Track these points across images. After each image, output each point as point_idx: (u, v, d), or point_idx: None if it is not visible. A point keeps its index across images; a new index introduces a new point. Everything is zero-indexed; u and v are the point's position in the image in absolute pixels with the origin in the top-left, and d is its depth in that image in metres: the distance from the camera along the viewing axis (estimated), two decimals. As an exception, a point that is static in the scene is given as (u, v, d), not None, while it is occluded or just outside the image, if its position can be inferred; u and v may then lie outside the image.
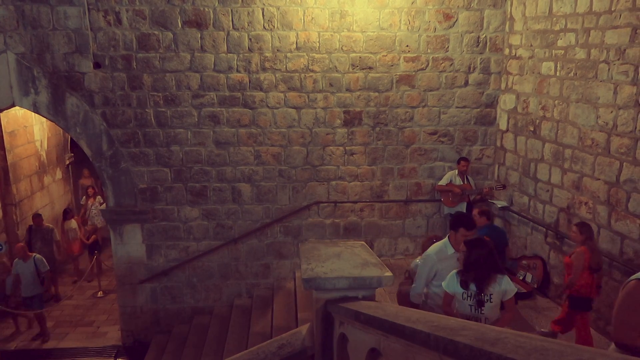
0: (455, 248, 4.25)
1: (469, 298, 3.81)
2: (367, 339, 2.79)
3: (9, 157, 9.08)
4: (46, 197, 10.51)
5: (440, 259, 4.28)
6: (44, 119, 9.53)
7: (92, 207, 10.36)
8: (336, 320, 3.26)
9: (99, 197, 10.35)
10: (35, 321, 8.32)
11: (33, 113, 7.85)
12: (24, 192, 9.63)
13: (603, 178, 5.54)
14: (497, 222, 7.79)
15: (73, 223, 9.80)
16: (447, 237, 4.41)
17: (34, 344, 8.05)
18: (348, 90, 7.33)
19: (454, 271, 3.95)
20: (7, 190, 9.11)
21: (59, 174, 11.17)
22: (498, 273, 3.84)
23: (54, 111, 7.05)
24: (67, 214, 9.83)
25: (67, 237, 9.69)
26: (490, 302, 3.79)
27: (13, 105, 7.06)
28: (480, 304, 3.79)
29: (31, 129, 9.97)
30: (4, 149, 8.95)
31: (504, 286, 3.83)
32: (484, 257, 3.80)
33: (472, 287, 3.79)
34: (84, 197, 10.72)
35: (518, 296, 6.47)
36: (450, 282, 3.92)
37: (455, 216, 4.67)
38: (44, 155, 10.50)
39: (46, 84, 6.93)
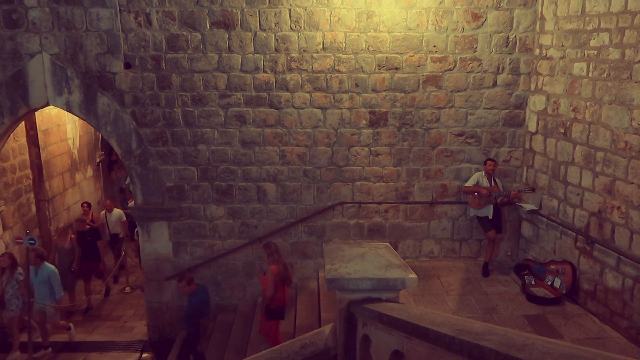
0: None
1: None
2: (391, 341, 2.77)
3: (43, 155, 9.37)
4: (77, 194, 10.80)
5: None
6: (76, 118, 9.79)
7: (8, 286, 7.24)
8: (359, 321, 3.25)
9: (20, 268, 7.42)
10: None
11: (66, 112, 8.08)
12: (57, 188, 9.92)
13: (637, 182, 5.38)
14: (525, 225, 7.64)
15: None
16: None
17: (60, 338, 8.26)
18: (374, 90, 7.30)
19: None
20: (40, 186, 9.39)
21: (89, 172, 11.46)
22: None
23: (86, 110, 7.23)
24: None
25: None
26: None
27: (47, 105, 7.28)
28: None
29: (64, 127, 10.26)
30: (38, 146, 9.24)
31: None
32: None
33: None
34: None
35: (546, 302, 6.35)
36: None
37: None
38: (76, 153, 10.79)
39: (79, 84, 7.12)
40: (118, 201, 11.47)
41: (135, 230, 9.24)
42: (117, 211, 9.88)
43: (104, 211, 9.95)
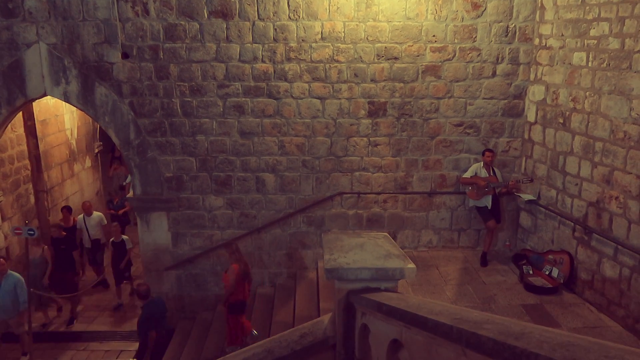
0: None
1: None
2: (389, 330, 2.79)
3: (41, 145, 9.34)
4: (76, 185, 10.78)
5: None
6: (74, 108, 9.76)
7: None
8: (358, 311, 3.27)
9: None
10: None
11: (64, 102, 8.04)
12: (55, 179, 9.90)
13: (635, 172, 5.39)
14: (523, 215, 7.66)
15: None
16: None
17: (63, 327, 8.30)
18: (373, 80, 7.27)
19: None
20: (39, 177, 9.38)
21: (88, 162, 11.43)
22: None
23: (84, 100, 7.20)
24: None
25: None
26: None
27: (45, 95, 7.24)
28: None
29: (62, 117, 10.21)
30: (36, 137, 9.21)
31: None
32: None
33: None
34: None
35: (543, 291, 6.39)
36: None
37: None
38: (74, 143, 10.76)
39: (76, 74, 7.08)
40: (119, 197, 11.20)
41: (111, 240, 8.88)
42: (96, 214, 9.26)
43: (81, 215, 9.20)
